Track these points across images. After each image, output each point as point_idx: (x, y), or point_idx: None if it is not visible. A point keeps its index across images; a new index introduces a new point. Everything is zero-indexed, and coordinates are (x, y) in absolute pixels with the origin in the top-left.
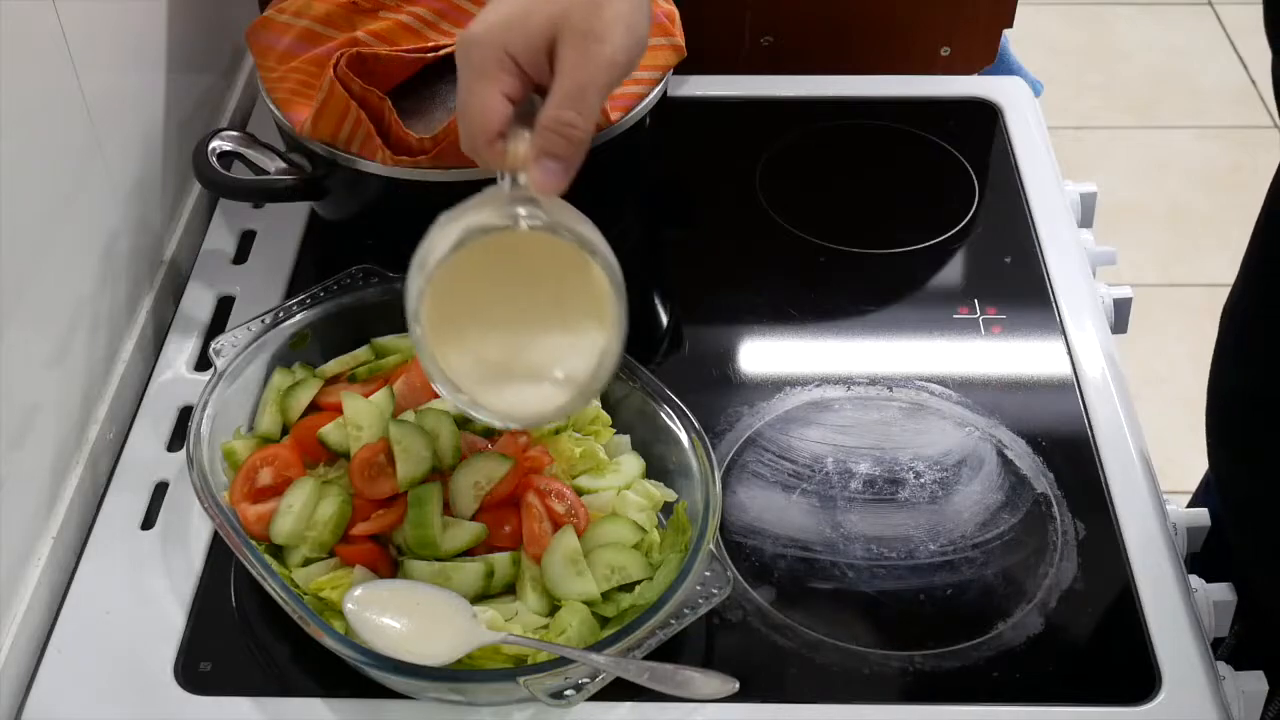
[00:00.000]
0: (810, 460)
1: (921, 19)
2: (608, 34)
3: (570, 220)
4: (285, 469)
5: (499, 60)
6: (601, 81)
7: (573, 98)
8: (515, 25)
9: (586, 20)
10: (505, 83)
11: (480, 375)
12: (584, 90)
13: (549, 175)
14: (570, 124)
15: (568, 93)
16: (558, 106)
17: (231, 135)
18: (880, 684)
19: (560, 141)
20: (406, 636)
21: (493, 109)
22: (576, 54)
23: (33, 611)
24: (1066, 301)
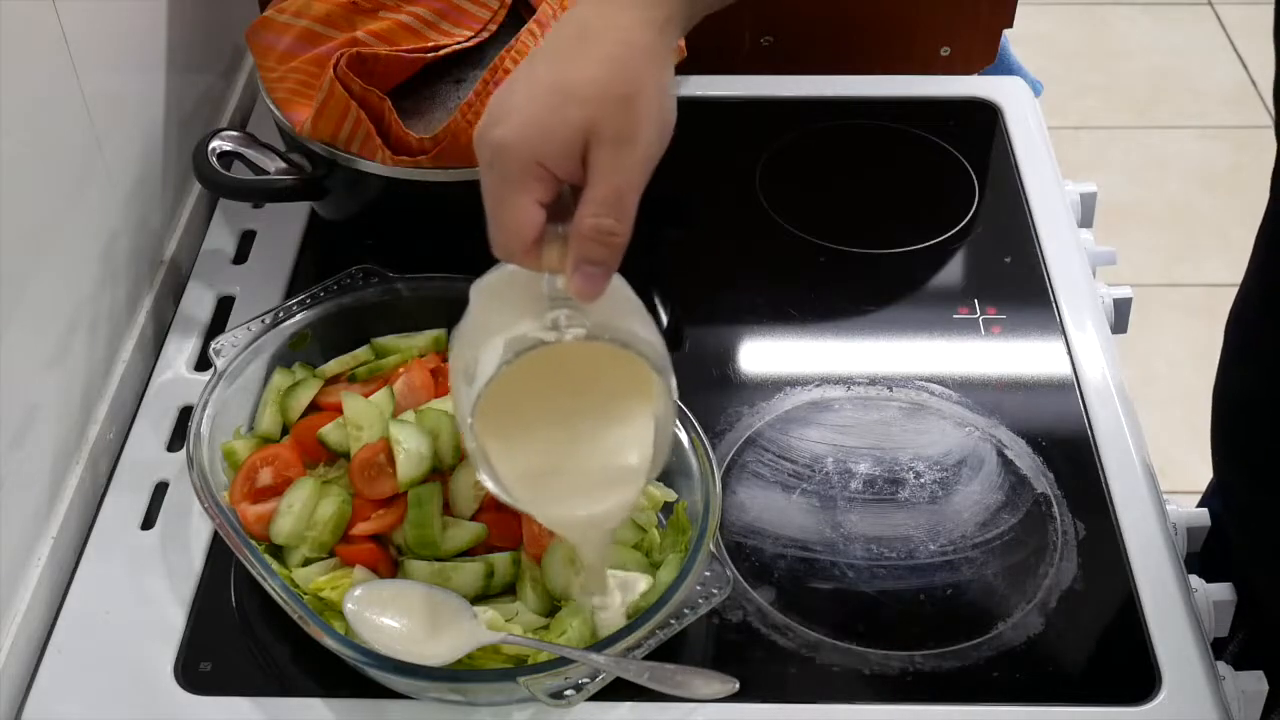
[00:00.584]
0: (810, 460)
1: (921, 19)
2: (640, 133)
3: (611, 314)
4: (285, 469)
5: (531, 169)
6: (637, 183)
7: (609, 204)
8: (546, 132)
9: (618, 122)
10: (538, 191)
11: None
12: (621, 195)
13: (589, 281)
14: (609, 231)
15: (604, 198)
16: (594, 215)
17: (231, 135)
18: (880, 684)
19: (599, 249)
20: (406, 636)
21: (527, 220)
22: (611, 159)
23: (33, 611)
24: (1066, 301)
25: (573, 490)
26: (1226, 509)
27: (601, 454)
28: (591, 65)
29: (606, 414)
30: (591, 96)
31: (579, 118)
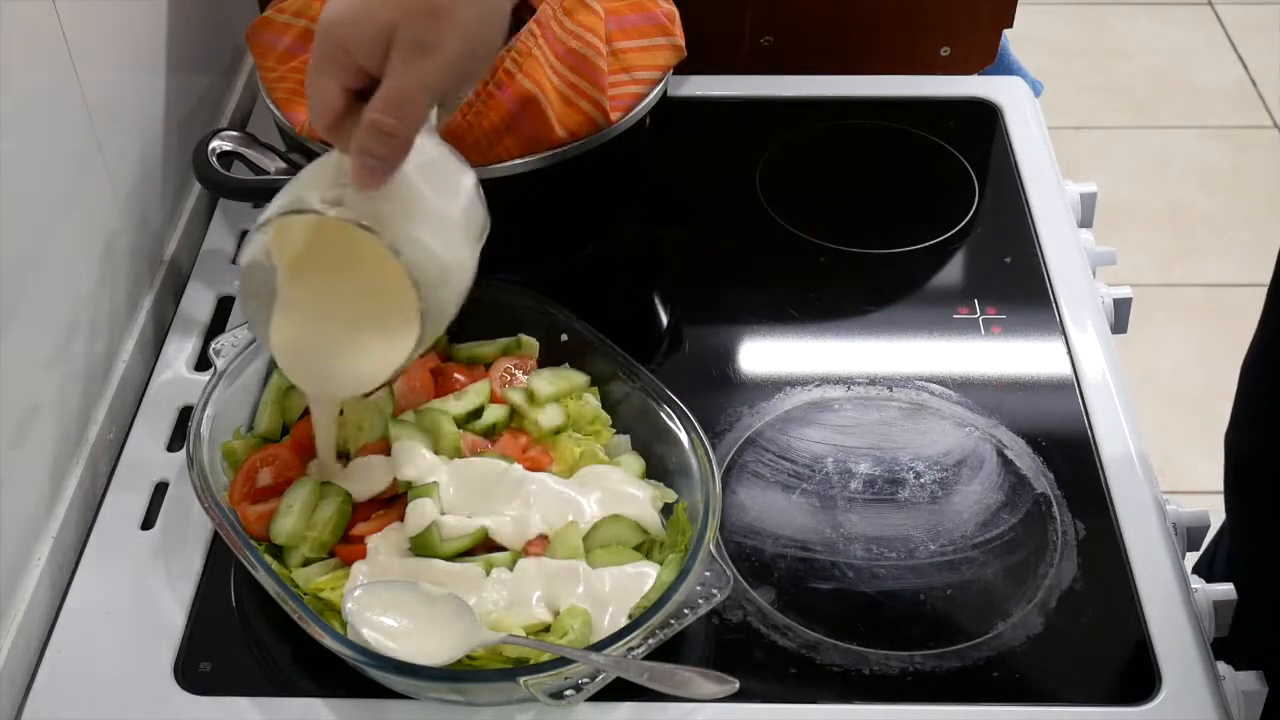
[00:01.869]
0: (810, 460)
1: (921, 19)
2: (439, 45)
3: (394, 209)
4: (285, 469)
5: (337, 55)
6: (424, 90)
7: (390, 103)
8: (356, 22)
9: (417, 30)
10: (342, 75)
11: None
12: (403, 98)
13: (368, 172)
14: (386, 129)
15: (386, 98)
16: (375, 110)
17: (231, 135)
18: (880, 684)
19: (377, 144)
20: (406, 636)
21: (326, 99)
22: (402, 62)
23: (33, 611)
24: (1066, 301)
25: (319, 358)
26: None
27: (351, 338)
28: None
29: (372, 303)
30: (396, 1)
31: (384, 19)
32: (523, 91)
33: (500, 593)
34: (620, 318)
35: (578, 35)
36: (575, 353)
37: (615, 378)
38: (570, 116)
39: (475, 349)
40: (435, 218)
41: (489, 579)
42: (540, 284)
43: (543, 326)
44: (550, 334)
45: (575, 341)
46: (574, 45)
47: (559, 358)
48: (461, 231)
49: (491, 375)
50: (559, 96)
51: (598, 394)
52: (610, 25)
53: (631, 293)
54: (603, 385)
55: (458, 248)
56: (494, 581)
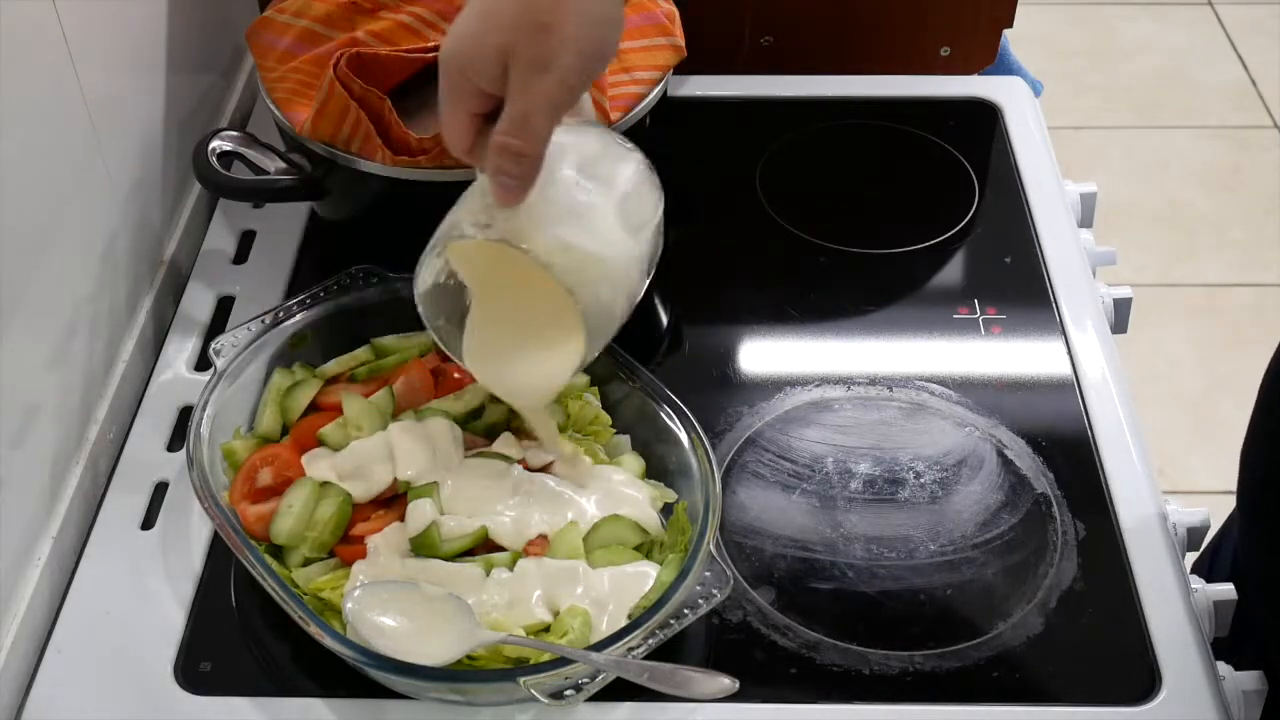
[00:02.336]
0: (810, 460)
1: (921, 19)
2: (554, 60)
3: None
4: (285, 469)
5: (461, 84)
6: (545, 107)
7: (515, 124)
8: (472, 50)
9: (532, 49)
10: (470, 103)
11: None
12: (527, 117)
13: (503, 190)
14: (515, 150)
15: (511, 118)
16: (501, 132)
17: (231, 135)
18: (880, 684)
19: (507, 164)
20: (406, 636)
21: (457, 127)
22: (521, 82)
23: (33, 611)
24: (1066, 301)
25: (511, 370)
26: (1251, 581)
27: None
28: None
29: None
30: (508, 24)
31: (496, 43)
32: None
33: (500, 593)
34: None
35: None
36: None
37: (615, 378)
38: (570, 116)
39: None
40: (586, 217)
41: (489, 579)
42: None
43: None
44: None
45: None
46: None
47: None
48: (620, 222)
49: None
50: None
51: (598, 394)
52: None
53: None
54: (603, 385)
55: (615, 241)
56: (494, 581)
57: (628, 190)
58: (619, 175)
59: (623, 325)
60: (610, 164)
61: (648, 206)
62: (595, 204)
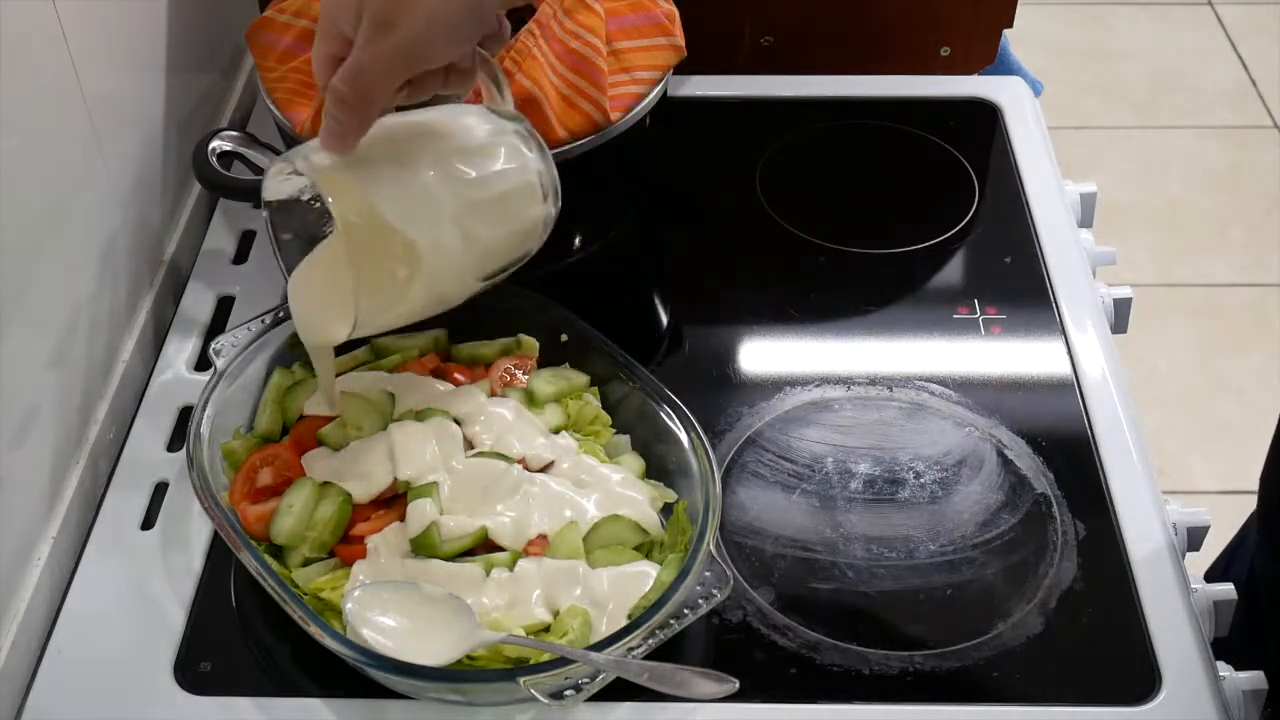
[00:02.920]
0: (810, 460)
1: (921, 19)
2: (400, 22)
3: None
4: (285, 469)
5: (326, 25)
6: (381, 64)
7: (349, 73)
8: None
9: (381, 6)
10: (331, 45)
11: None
12: (361, 70)
13: (328, 135)
14: (341, 97)
15: (347, 67)
16: (336, 78)
17: (231, 135)
18: (880, 684)
19: (335, 108)
20: (406, 636)
21: (318, 65)
22: (365, 36)
23: (33, 611)
24: (1066, 301)
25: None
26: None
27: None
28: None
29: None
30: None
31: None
32: (522, 91)
33: (500, 593)
34: (620, 318)
35: (578, 35)
36: (575, 353)
37: (615, 378)
38: (570, 116)
39: (475, 349)
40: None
41: (489, 579)
42: (540, 284)
43: (543, 326)
44: (550, 334)
45: (575, 341)
46: (574, 45)
47: (559, 358)
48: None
49: (491, 375)
50: (559, 96)
51: (598, 394)
52: (610, 25)
53: (631, 293)
54: (603, 385)
55: (440, 234)
56: (494, 581)
57: (486, 194)
58: (486, 175)
59: (423, 316)
60: (486, 162)
61: (508, 222)
62: (433, 190)
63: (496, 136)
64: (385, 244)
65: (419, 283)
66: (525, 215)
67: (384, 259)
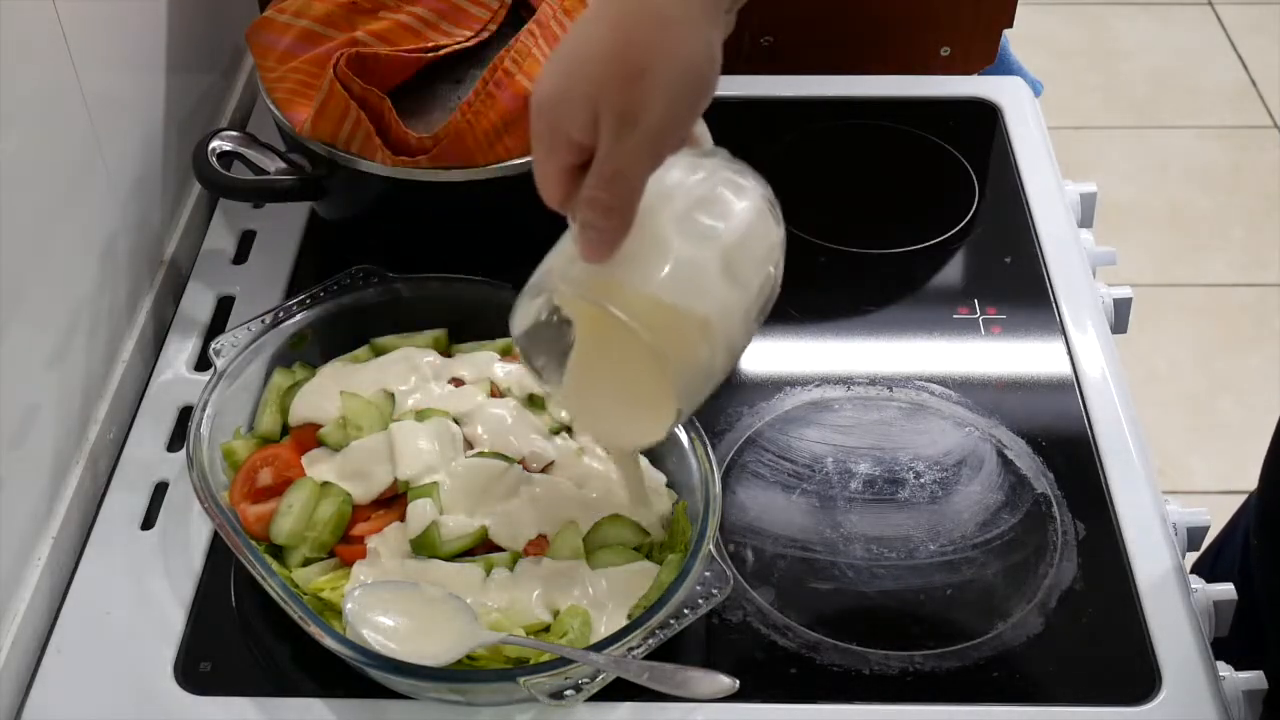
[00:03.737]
0: (810, 460)
1: (921, 19)
2: (645, 112)
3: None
4: (285, 469)
5: (552, 135)
6: (636, 162)
7: (604, 179)
8: (560, 103)
9: (621, 101)
10: (562, 156)
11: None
12: (617, 173)
13: (588, 246)
14: (604, 206)
15: (600, 173)
16: (590, 187)
17: (231, 135)
18: (880, 684)
19: (596, 218)
20: (406, 636)
21: (552, 181)
22: (610, 135)
23: (33, 611)
24: (1066, 301)
25: (606, 412)
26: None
27: (630, 395)
28: (603, 30)
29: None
30: (597, 72)
31: (584, 92)
32: (522, 91)
33: (500, 593)
34: None
35: None
36: None
37: None
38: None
39: (475, 349)
40: (684, 271)
41: (489, 579)
42: None
43: None
44: None
45: None
46: None
47: None
48: (723, 273)
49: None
50: None
51: None
52: None
53: None
54: None
55: (717, 295)
56: (494, 581)
57: (737, 237)
58: (729, 219)
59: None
60: (720, 206)
61: (760, 251)
62: (695, 256)
63: (712, 177)
64: (677, 328)
65: (720, 349)
66: (770, 239)
67: (681, 341)
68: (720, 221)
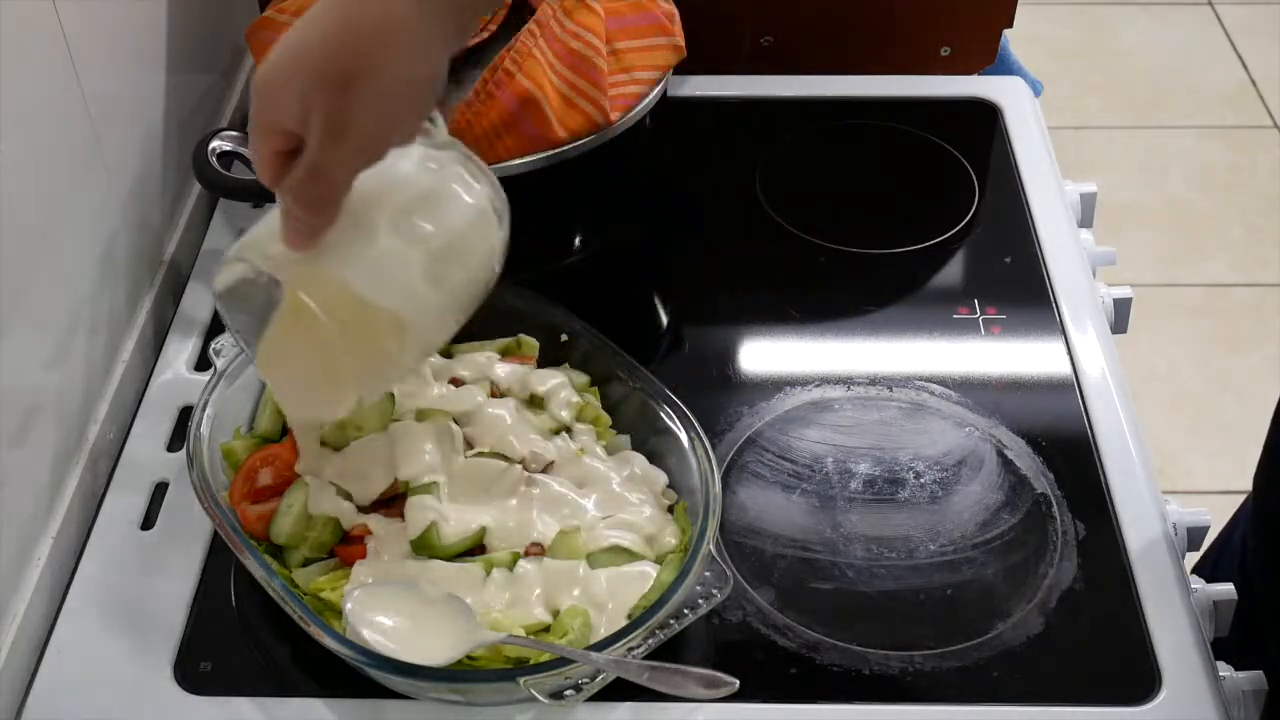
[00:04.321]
0: (810, 460)
1: (921, 19)
2: (351, 123)
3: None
4: (285, 469)
5: (267, 119)
6: (340, 166)
7: (309, 174)
8: (277, 97)
9: (330, 107)
10: (275, 140)
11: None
12: (320, 171)
13: (293, 234)
14: (305, 199)
15: (306, 168)
16: (294, 179)
17: (231, 135)
18: (880, 684)
19: (297, 209)
20: (406, 636)
21: (263, 162)
22: (317, 138)
23: (33, 611)
24: (1066, 301)
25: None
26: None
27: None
28: (327, 26)
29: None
30: (314, 76)
31: (298, 91)
32: (522, 91)
33: (500, 593)
34: (620, 318)
35: (578, 35)
36: (575, 353)
37: (615, 378)
38: (570, 116)
39: (475, 349)
40: (383, 267)
41: (489, 579)
42: (540, 284)
43: (543, 326)
44: (550, 334)
45: (575, 341)
46: (574, 45)
47: (559, 358)
48: (424, 274)
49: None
50: (559, 96)
51: (598, 394)
52: (610, 25)
53: (631, 293)
54: (603, 385)
55: (416, 295)
56: (494, 582)
57: (448, 241)
58: (446, 221)
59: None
60: (443, 206)
61: (475, 257)
62: (400, 254)
63: (442, 174)
64: (367, 320)
65: (411, 347)
66: (487, 244)
67: (370, 334)
68: (434, 224)
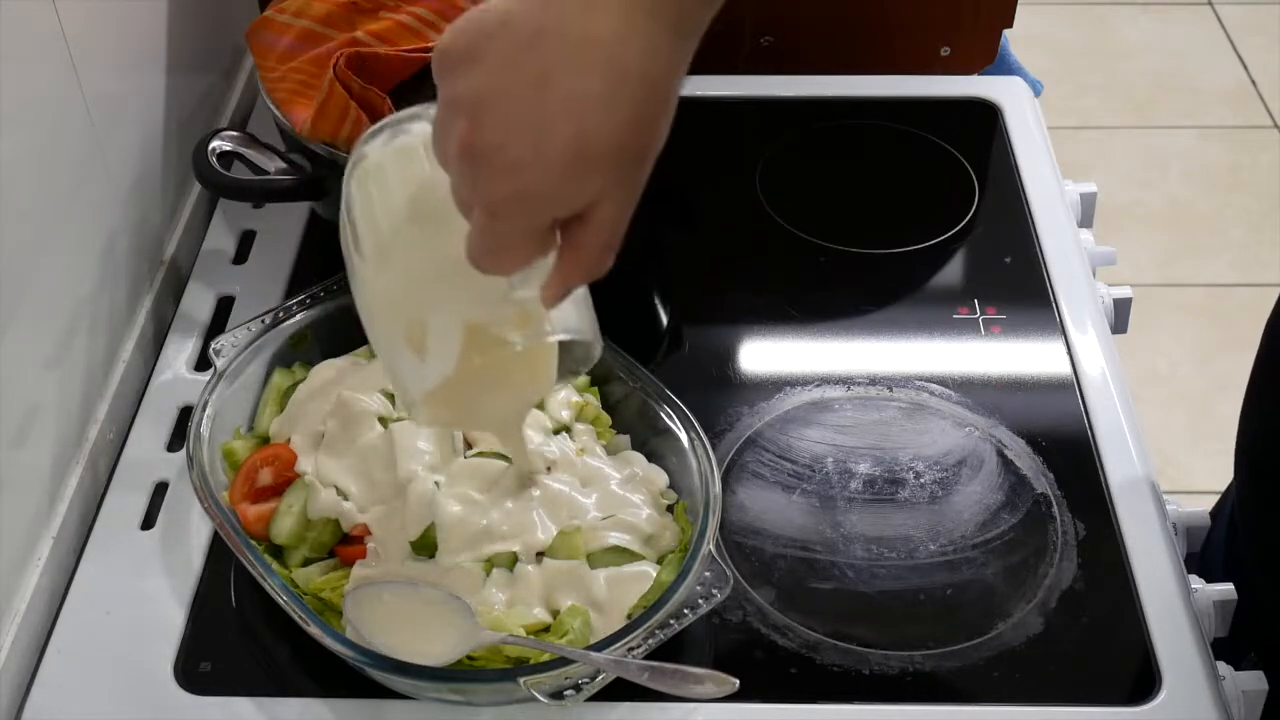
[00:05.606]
0: (810, 460)
1: (921, 19)
2: (642, 183)
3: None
4: (285, 469)
5: (542, 229)
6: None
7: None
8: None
9: (629, 182)
10: (548, 243)
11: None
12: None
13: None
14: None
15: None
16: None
17: (231, 135)
18: (880, 684)
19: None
20: (406, 636)
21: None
22: (612, 211)
23: (33, 611)
24: (1066, 301)
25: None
26: (1249, 549)
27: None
28: (620, 114)
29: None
30: (612, 163)
31: (596, 187)
32: None
33: (500, 593)
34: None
35: None
36: None
37: (615, 378)
38: None
39: None
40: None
41: (489, 579)
42: None
43: None
44: None
45: None
46: None
47: None
48: None
49: None
50: None
51: (598, 394)
52: None
53: (631, 293)
54: (603, 385)
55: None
56: (494, 582)
57: None
58: None
59: None
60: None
61: None
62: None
63: None
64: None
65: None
66: None
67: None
68: None
